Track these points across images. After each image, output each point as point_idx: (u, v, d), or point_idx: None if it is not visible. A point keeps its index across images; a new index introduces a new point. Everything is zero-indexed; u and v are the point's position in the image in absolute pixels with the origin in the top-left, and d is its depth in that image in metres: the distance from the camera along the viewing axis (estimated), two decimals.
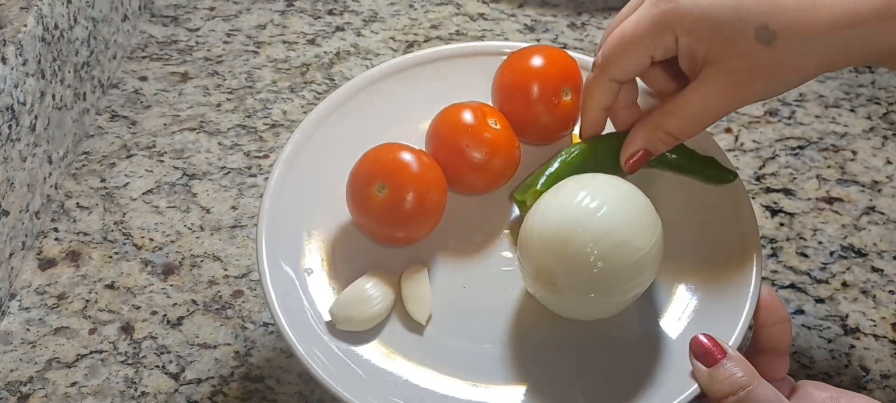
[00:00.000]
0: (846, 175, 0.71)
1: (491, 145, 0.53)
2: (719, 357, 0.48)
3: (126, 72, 0.81)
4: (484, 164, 0.54)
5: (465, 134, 0.53)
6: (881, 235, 0.67)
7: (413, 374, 0.51)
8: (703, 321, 0.52)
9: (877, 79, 0.79)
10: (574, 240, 0.48)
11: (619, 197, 0.49)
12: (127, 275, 0.65)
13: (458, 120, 0.54)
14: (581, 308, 0.50)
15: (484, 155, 0.53)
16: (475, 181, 0.55)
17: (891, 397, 0.58)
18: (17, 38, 0.64)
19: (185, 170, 0.73)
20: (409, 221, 0.52)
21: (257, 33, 0.85)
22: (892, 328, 0.62)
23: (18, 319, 0.62)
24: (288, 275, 0.53)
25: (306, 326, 0.51)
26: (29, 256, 0.66)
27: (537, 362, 0.52)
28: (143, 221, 0.69)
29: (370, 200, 0.52)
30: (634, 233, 0.48)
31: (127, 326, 0.62)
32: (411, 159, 0.52)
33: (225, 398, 0.58)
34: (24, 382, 0.59)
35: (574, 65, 0.56)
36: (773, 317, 0.52)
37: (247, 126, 0.76)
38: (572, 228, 0.48)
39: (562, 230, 0.48)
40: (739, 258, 0.54)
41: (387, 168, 0.52)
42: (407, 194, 0.51)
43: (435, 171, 0.53)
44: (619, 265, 0.48)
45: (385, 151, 0.53)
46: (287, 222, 0.54)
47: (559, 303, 0.50)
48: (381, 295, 0.52)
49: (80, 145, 0.74)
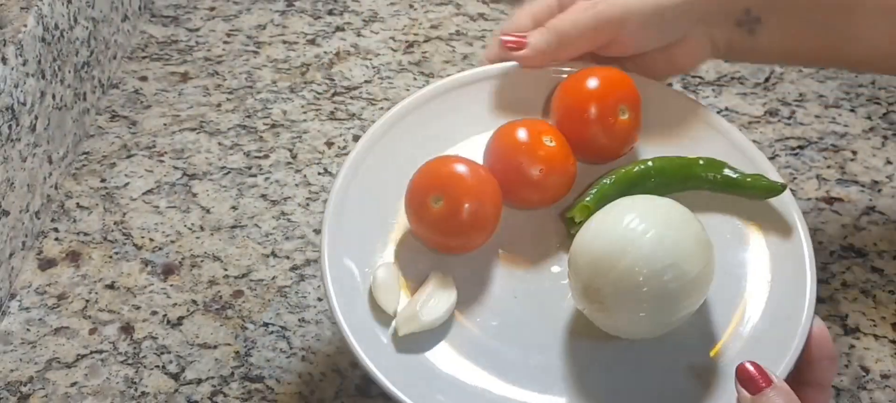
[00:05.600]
0: (846, 175, 0.71)
1: (546, 162, 0.55)
2: (764, 385, 0.47)
3: (126, 73, 0.81)
4: (540, 181, 0.55)
5: (521, 150, 0.55)
6: (881, 235, 0.67)
7: (466, 375, 0.52)
8: (752, 348, 0.52)
9: (877, 80, 0.79)
10: (622, 261, 0.48)
11: (669, 219, 0.50)
12: (127, 275, 0.65)
13: (514, 136, 0.56)
14: (627, 326, 0.50)
15: (539, 171, 0.55)
16: (531, 196, 0.56)
17: (891, 397, 0.58)
18: (17, 38, 0.64)
19: (185, 170, 0.73)
20: (464, 232, 0.54)
21: (257, 33, 0.85)
22: (892, 328, 0.62)
23: (18, 319, 0.62)
24: (349, 275, 0.54)
25: (367, 330, 0.52)
26: (29, 256, 0.66)
27: (581, 376, 0.52)
28: (143, 221, 0.69)
29: (426, 210, 0.53)
30: (683, 257, 0.48)
31: (127, 326, 0.62)
32: (466, 172, 0.53)
33: (225, 398, 0.58)
34: (25, 382, 0.59)
35: (631, 84, 0.57)
36: (822, 353, 0.51)
37: (247, 126, 0.76)
38: (621, 248, 0.48)
39: (610, 249, 0.48)
40: (793, 284, 0.53)
41: (443, 180, 0.53)
42: (462, 206, 0.53)
43: (490, 184, 0.54)
44: (666, 287, 0.48)
45: (442, 163, 0.55)
46: (350, 226, 0.55)
47: (606, 321, 0.50)
48: (441, 299, 0.53)
49: (81, 145, 0.74)
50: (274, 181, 0.72)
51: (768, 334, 0.52)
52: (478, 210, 0.53)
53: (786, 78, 0.79)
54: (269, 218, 0.69)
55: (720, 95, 0.77)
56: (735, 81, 0.79)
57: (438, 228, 0.53)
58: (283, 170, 0.73)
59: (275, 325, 0.62)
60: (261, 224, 0.69)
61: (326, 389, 0.59)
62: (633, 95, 0.57)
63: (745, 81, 0.79)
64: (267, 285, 0.65)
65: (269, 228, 0.68)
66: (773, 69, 0.79)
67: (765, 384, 0.47)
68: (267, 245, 0.67)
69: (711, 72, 0.80)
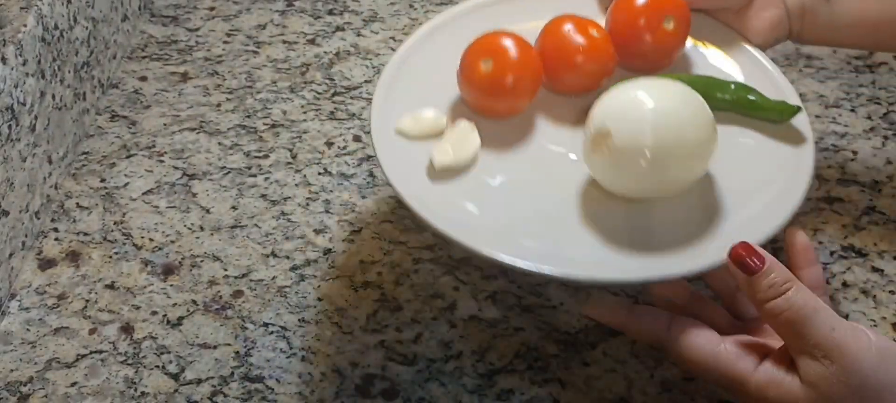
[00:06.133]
0: (846, 175, 0.71)
1: (585, 50, 0.61)
2: (758, 264, 0.49)
3: (126, 72, 0.81)
4: (580, 65, 0.61)
5: (566, 36, 0.61)
6: (881, 235, 0.67)
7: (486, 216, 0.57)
8: (746, 226, 0.55)
9: (877, 79, 0.79)
10: (631, 113, 0.54)
11: (678, 93, 0.55)
12: (127, 275, 0.65)
13: (562, 25, 0.62)
14: (630, 180, 0.55)
15: (581, 56, 0.61)
16: (571, 80, 0.62)
17: None
18: (16, 38, 0.64)
19: (185, 170, 0.73)
20: (506, 93, 0.60)
21: (257, 33, 0.85)
22: (893, 328, 0.62)
23: (18, 319, 0.62)
24: (393, 134, 0.60)
25: (407, 167, 0.58)
26: (29, 256, 0.66)
27: (584, 231, 0.57)
28: (142, 221, 0.69)
29: (475, 71, 0.60)
30: (686, 121, 0.54)
31: (127, 326, 0.62)
32: (513, 43, 0.60)
33: (225, 398, 0.58)
34: (24, 382, 0.59)
35: (680, 1, 0.63)
36: (807, 260, 0.57)
37: (247, 126, 0.76)
38: (632, 104, 0.55)
39: (622, 104, 0.55)
40: (794, 169, 0.58)
41: (494, 46, 0.60)
42: (507, 69, 0.59)
43: (533, 57, 0.61)
44: (671, 139, 0.54)
45: (494, 35, 0.61)
46: (401, 91, 0.62)
47: (611, 174, 0.56)
48: (468, 142, 0.60)
49: (80, 145, 0.74)
50: (274, 181, 0.72)
51: (762, 215, 0.56)
52: (520, 75, 0.60)
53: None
54: (269, 218, 0.69)
55: None
56: None
57: (485, 88, 0.60)
58: (283, 170, 0.73)
59: (275, 325, 0.62)
60: (261, 224, 0.69)
61: (326, 389, 0.59)
62: (681, 8, 0.62)
63: None
64: (267, 285, 0.65)
65: (269, 228, 0.68)
66: None
67: (758, 263, 0.49)
68: (267, 245, 0.67)
69: None
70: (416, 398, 0.58)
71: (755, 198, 0.58)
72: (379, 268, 0.65)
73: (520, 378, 0.59)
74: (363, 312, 0.63)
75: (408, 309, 0.63)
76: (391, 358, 0.60)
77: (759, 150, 0.60)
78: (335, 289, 0.64)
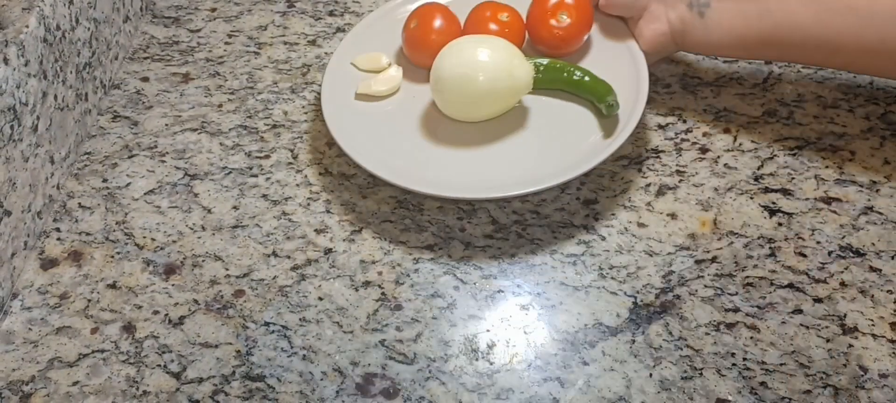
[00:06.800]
0: (844, 175, 0.72)
1: (497, 32, 0.75)
2: None
3: (128, 73, 0.82)
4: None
5: (483, 16, 0.76)
6: (879, 235, 0.67)
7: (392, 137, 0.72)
8: None
9: (875, 80, 0.79)
10: (452, 58, 0.70)
11: (497, 46, 0.70)
12: (129, 275, 0.66)
13: (484, 9, 0.77)
14: (457, 109, 0.71)
15: (491, 33, 0.76)
16: None
17: (889, 396, 0.58)
18: (19, 38, 0.64)
19: (186, 171, 0.73)
20: (427, 48, 0.74)
21: (258, 34, 0.86)
22: (891, 327, 0.62)
23: (21, 319, 0.63)
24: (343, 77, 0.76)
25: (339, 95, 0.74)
26: (31, 256, 0.66)
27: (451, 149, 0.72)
28: (144, 221, 0.69)
29: (407, 29, 0.76)
30: (479, 69, 0.70)
31: (129, 326, 0.62)
32: (441, 15, 0.76)
33: (226, 397, 0.59)
34: (26, 381, 0.59)
35: (583, 2, 0.76)
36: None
37: (248, 126, 0.77)
38: (457, 54, 0.70)
39: (448, 56, 0.70)
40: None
41: (425, 13, 0.76)
42: (430, 31, 0.75)
43: (455, 27, 0.76)
44: (466, 82, 0.70)
45: (430, 5, 0.76)
46: (367, 44, 0.78)
47: (446, 105, 0.71)
48: (393, 78, 0.76)
49: (82, 145, 0.75)
50: (275, 181, 0.72)
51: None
52: (437, 38, 0.74)
53: (784, 78, 0.79)
54: (270, 217, 0.69)
55: (719, 96, 0.78)
56: (733, 82, 0.79)
57: (410, 41, 0.76)
58: (284, 170, 0.73)
59: (276, 325, 0.62)
60: (262, 224, 0.69)
61: (327, 388, 0.59)
62: (580, 9, 0.75)
63: (743, 82, 0.79)
64: (268, 284, 0.65)
65: (270, 228, 0.69)
66: (771, 69, 0.80)
67: None
68: (268, 244, 0.67)
69: (710, 73, 0.80)
70: (416, 397, 0.58)
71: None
72: (379, 268, 0.66)
73: (520, 377, 0.59)
74: (363, 311, 0.63)
75: (408, 309, 0.63)
76: (391, 357, 0.60)
77: (585, 113, 0.74)
78: (336, 289, 0.64)
